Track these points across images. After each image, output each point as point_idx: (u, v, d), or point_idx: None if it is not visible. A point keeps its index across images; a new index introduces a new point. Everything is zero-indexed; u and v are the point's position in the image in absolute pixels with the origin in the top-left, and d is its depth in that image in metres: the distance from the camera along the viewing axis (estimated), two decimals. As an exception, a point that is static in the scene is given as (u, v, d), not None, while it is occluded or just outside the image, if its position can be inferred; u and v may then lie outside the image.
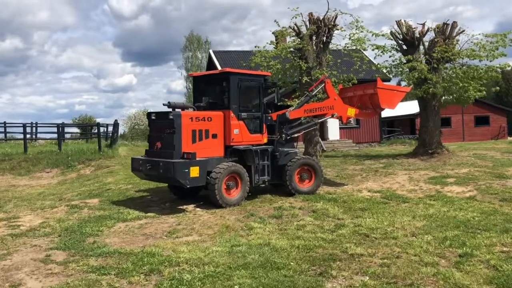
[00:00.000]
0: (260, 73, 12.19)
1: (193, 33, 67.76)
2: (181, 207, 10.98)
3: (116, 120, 29.91)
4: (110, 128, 30.33)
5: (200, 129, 10.77)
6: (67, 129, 43.97)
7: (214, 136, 11.01)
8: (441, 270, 6.24)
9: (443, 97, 19.64)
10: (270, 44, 19.73)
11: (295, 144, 12.89)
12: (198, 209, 10.79)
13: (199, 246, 7.68)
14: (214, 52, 32.08)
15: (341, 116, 13.28)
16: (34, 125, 34.78)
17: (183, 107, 11.19)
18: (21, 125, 25.78)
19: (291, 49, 19.14)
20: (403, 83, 21.08)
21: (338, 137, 28.67)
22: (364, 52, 22.19)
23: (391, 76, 22.03)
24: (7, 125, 28.85)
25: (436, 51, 18.76)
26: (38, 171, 22.35)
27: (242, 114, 11.35)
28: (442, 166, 16.42)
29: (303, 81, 17.85)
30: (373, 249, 7.30)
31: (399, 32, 20.14)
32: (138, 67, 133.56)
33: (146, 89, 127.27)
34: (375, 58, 22.52)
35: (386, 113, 44.86)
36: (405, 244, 7.56)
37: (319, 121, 13.30)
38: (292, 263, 6.55)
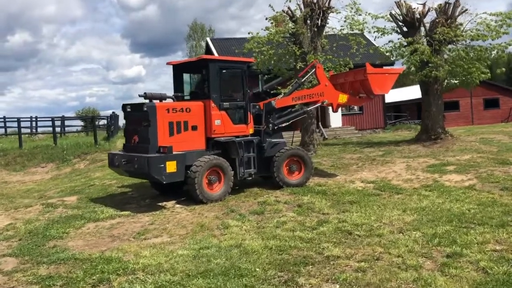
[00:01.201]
0: (242, 59, 11.49)
1: (196, 21, 67.14)
2: (161, 203, 10.40)
3: (113, 112, 29.44)
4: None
5: (178, 121, 10.13)
6: (70, 122, 43.68)
7: (194, 128, 10.37)
8: (423, 275, 5.57)
9: (446, 81, 18.78)
10: (265, 30, 18.94)
11: (291, 133, 12.20)
12: (178, 205, 10.20)
13: (165, 249, 7.09)
14: (211, 39, 31.31)
15: (331, 103, 12.58)
16: (33, 119, 34.55)
17: (161, 98, 10.56)
18: (15, 119, 25.37)
19: (287, 34, 18.35)
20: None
21: (340, 124, 27.87)
22: (364, 34, 21.28)
23: (393, 59, 21.06)
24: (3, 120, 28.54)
25: (438, 32, 17.89)
26: (33, 166, 21.93)
27: (224, 103, 10.69)
28: (444, 152, 15.66)
29: (298, 67, 17.09)
30: (352, 250, 6.65)
31: (399, 13, 19.29)
32: (147, 58, 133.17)
33: (155, 80, 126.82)
34: (375, 40, 21.71)
35: (393, 97, 44.04)
36: (389, 243, 6.89)
37: (308, 109, 12.58)
38: (258, 269, 5.92)
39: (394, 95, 45.89)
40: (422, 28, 19.14)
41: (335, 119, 27.70)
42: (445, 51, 18.46)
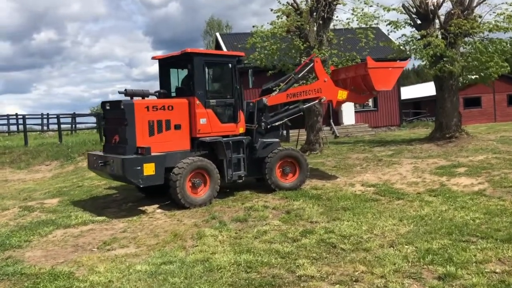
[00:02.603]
0: (231, 53, 10.75)
1: (213, 17, 66.47)
2: (142, 208, 9.73)
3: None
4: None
5: (159, 119, 9.42)
6: (87, 119, 43.46)
7: (177, 127, 9.64)
8: (404, 303, 4.74)
9: (461, 76, 17.66)
10: (270, 23, 18.09)
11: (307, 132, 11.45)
12: (159, 210, 9.50)
13: (125, 263, 6.38)
14: (221, 35, 30.50)
15: (331, 100, 11.72)
16: (45, 116, 34.46)
17: (143, 95, 9.87)
18: (21, 116, 25.15)
19: (292, 28, 17.47)
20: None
21: (353, 122, 26.80)
22: (376, 27, 20.20)
23: (408, 53, 19.86)
24: (10, 117, 28.42)
25: (453, 24, 16.80)
26: (38, 164, 21.57)
27: (211, 101, 9.94)
28: (457, 152, 14.63)
29: (302, 62, 16.22)
30: (331, 268, 5.83)
31: (412, 5, 18.22)
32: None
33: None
34: (388, 34, 20.72)
35: (412, 94, 42.66)
36: (375, 260, 6.05)
37: (304, 106, 11.70)
38: (214, 292, 5.17)
39: (414, 91, 44.55)
40: (437, 21, 18.06)
41: (348, 116, 26.67)
42: (461, 44, 17.35)
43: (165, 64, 10.70)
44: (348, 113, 26.49)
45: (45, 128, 33.56)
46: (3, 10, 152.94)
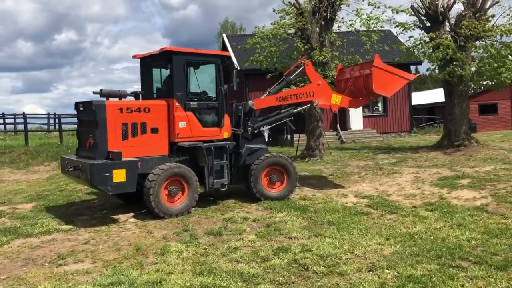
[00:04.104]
0: (216, 52, 10.10)
1: (227, 20, 66.10)
2: (116, 216, 9.11)
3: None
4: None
5: (133, 122, 8.78)
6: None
7: (154, 130, 9.00)
8: None
9: (472, 81, 16.77)
10: (273, 24, 17.41)
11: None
12: (132, 220, 8.87)
13: (71, 281, 5.74)
14: (227, 36, 29.91)
15: (328, 104, 10.99)
16: (51, 116, 34.26)
17: (120, 96, 9.24)
18: (22, 116, 24.86)
19: (293, 29, 16.79)
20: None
21: (361, 127, 25.90)
22: (386, 29, 19.41)
23: (418, 57, 18.92)
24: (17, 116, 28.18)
25: (464, 26, 15.94)
26: (37, 164, 21.16)
27: (191, 103, 9.29)
28: (464, 162, 13.79)
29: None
30: (294, 296, 5.11)
31: (422, 6, 17.41)
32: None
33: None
34: (397, 36, 19.91)
35: (426, 99, 41.53)
36: (348, 287, 5.31)
37: (295, 110, 10.97)
38: (151, 324, 4.49)
39: (428, 97, 43.40)
40: (447, 23, 17.21)
41: (356, 121, 25.81)
42: (472, 48, 16.46)
43: (147, 64, 10.09)
44: (356, 118, 25.64)
45: (51, 128, 33.34)
46: (26, 12, 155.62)
